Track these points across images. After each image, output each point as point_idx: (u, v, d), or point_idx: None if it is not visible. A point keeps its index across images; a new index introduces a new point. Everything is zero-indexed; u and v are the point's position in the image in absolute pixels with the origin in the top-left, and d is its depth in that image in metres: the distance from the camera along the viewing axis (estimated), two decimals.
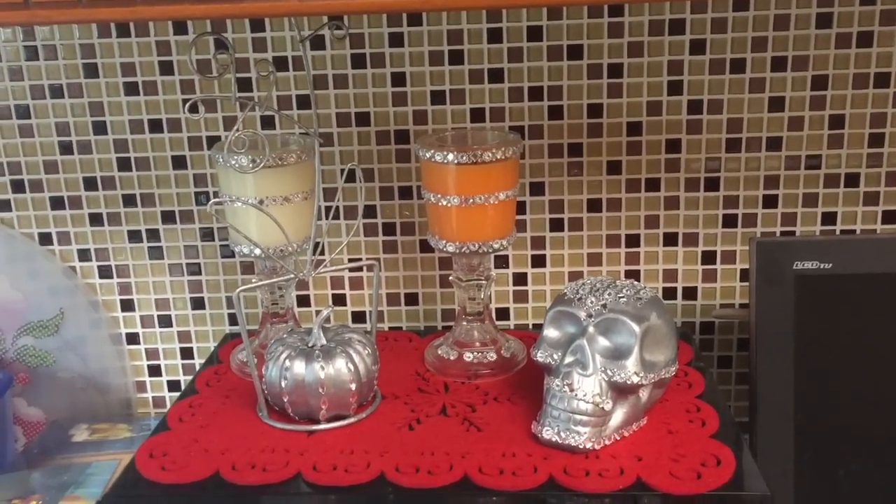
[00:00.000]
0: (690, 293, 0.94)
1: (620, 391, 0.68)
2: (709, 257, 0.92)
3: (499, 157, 0.75)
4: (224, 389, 0.80)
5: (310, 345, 0.73)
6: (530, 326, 0.96)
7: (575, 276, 0.94)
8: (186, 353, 0.99)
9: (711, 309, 0.94)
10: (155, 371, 0.99)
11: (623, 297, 0.70)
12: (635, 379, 0.67)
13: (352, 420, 0.73)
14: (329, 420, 0.73)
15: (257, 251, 0.78)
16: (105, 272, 0.96)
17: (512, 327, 0.96)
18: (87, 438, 0.92)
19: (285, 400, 0.72)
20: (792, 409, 0.77)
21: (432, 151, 0.76)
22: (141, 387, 1.00)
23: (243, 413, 0.75)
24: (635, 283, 0.72)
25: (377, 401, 0.76)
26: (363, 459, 0.67)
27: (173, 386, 0.99)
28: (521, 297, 0.95)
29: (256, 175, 0.77)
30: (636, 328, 0.68)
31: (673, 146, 0.89)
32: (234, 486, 0.65)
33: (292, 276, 0.75)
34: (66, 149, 0.92)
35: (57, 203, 0.94)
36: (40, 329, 0.96)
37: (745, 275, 0.92)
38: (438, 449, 0.69)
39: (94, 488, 0.82)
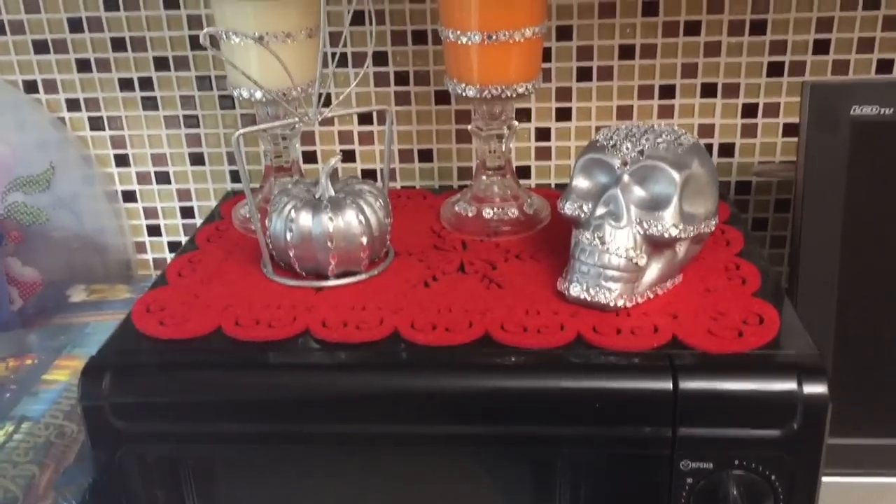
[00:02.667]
0: (727, 150, 0.87)
1: (656, 245, 0.62)
2: (750, 110, 0.85)
3: None
4: (226, 245, 0.75)
5: (317, 196, 0.67)
6: (553, 186, 0.90)
7: None
8: (187, 213, 0.93)
9: (749, 167, 0.87)
10: (154, 231, 0.94)
11: (662, 142, 0.63)
12: (674, 232, 0.61)
13: (363, 277, 0.68)
14: (338, 276, 0.67)
15: (258, 94, 0.71)
16: (96, 124, 0.90)
17: (533, 186, 0.90)
18: (86, 299, 0.87)
19: (291, 254, 0.66)
20: (837, 270, 0.72)
21: None
22: (140, 247, 0.95)
23: (247, 269, 0.70)
24: (675, 127, 0.65)
25: (390, 257, 0.71)
26: (375, 316, 0.62)
27: (174, 247, 0.94)
28: (543, 153, 0.88)
29: (255, 7, 0.69)
30: (676, 176, 0.61)
31: None
32: (238, 342, 0.61)
33: (296, 120, 0.69)
34: None
35: (40, 46, 0.86)
36: (30, 184, 0.90)
37: (788, 130, 0.85)
38: (457, 306, 0.64)
39: (91, 348, 0.77)
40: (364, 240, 0.66)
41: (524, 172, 0.89)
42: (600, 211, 0.63)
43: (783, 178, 0.86)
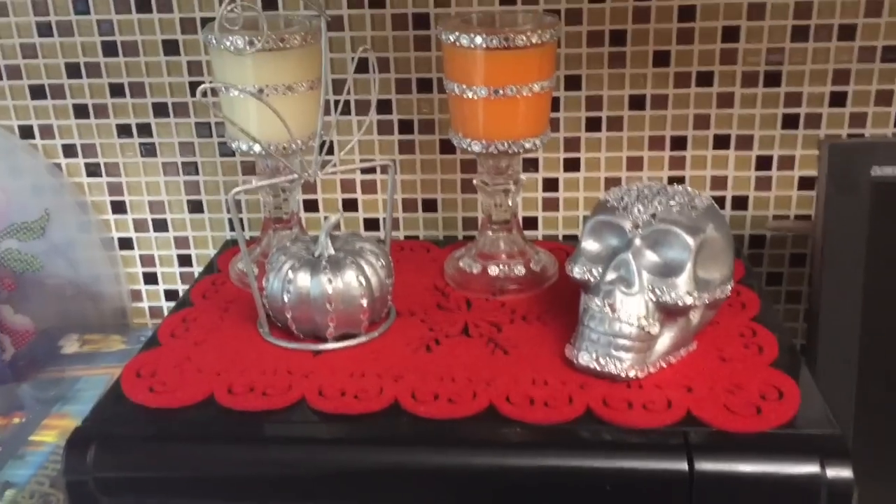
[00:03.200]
0: (741, 203, 0.84)
1: (669, 313, 0.59)
2: (764, 163, 0.82)
3: (534, 41, 0.64)
4: (222, 302, 0.72)
5: (316, 254, 0.65)
6: (560, 238, 0.87)
7: (612, 181, 0.84)
8: (184, 261, 0.91)
9: (763, 220, 0.84)
10: (151, 279, 0.92)
11: (675, 205, 0.60)
12: (688, 299, 0.58)
13: (362, 339, 0.65)
14: (337, 339, 0.65)
15: (257, 148, 0.69)
16: (93, 170, 0.87)
17: (540, 238, 0.87)
18: (78, 350, 0.85)
19: (288, 316, 0.64)
20: (858, 331, 0.69)
21: (457, 34, 0.65)
22: (136, 296, 0.92)
23: (242, 329, 0.68)
24: (689, 189, 0.63)
25: (391, 318, 0.68)
26: (375, 384, 0.60)
27: (171, 295, 0.92)
28: (551, 204, 0.86)
29: (255, 60, 0.67)
30: (690, 241, 0.59)
31: (730, 34, 0.78)
32: (230, 412, 0.58)
33: (296, 176, 0.66)
34: (44, 30, 0.82)
35: (37, 92, 0.85)
36: (25, 231, 0.88)
37: (804, 183, 0.82)
38: (460, 374, 0.61)
39: (82, 405, 0.75)
40: (364, 302, 0.64)
41: (531, 223, 0.87)
42: (611, 276, 0.60)
43: (799, 233, 0.83)
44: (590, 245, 0.63)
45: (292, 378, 0.61)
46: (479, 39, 0.64)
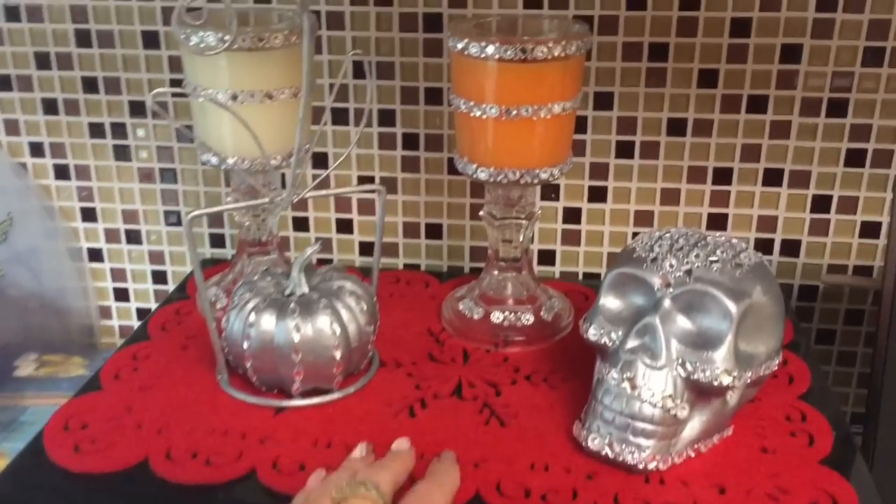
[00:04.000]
0: (791, 248, 0.73)
1: (701, 393, 0.49)
2: (821, 204, 0.71)
3: (557, 53, 0.54)
4: (182, 337, 0.63)
5: (286, 293, 0.55)
6: (580, 276, 0.76)
7: (643, 216, 0.73)
8: (159, 278, 0.82)
9: (816, 270, 0.73)
10: (122, 295, 0.83)
11: (716, 260, 0.50)
12: (725, 379, 0.48)
13: (335, 396, 0.56)
14: (304, 395, 0.55)
15: (231, 161, 0.59)
16: (61, 172, 0.79)
17: (556, 276, 0.77)
18: (32, 373, 0.76)
19: (248, 365, 0.54)
20: None
21: (466, 41, 0.55)
22: (105, 313, 0.83)
23: (198, 374, 0.58)
24: (734, 240, 0.52)
25: (373, 369, 0.58)
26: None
27: (143, 314, 0.83)
28: (571, 237, 0.75)
29: (230, 61, 0.58)
30: (732, 308, 0.48)
31: (790, 54, 0.67)
32: (164, 483, 0.48)
33: (266, 200, 0.57)
34: (12, 15, 0.74)
35: (2, 83, 0.76)
36: None
37: (866, 229, 0.71)
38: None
39: (22, 442, 0.66)
40: (338, 353, 0.54)
41: (547, 257, 0.76)
42: (632, 343, 0.50)
43: (859, 287, 0.72)
44: (609, 302, 0.52)
45: (245, 443, 0.51)
46: (490, 49, 0.54)
